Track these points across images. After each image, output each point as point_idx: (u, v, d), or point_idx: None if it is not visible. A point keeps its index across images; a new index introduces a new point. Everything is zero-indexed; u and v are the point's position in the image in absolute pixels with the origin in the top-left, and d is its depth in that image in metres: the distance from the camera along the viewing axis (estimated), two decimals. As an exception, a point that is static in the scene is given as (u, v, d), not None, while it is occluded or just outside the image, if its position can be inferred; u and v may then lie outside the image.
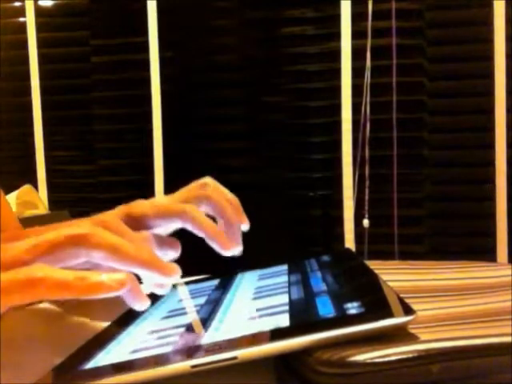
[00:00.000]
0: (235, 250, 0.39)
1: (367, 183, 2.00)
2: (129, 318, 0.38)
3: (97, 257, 0.33)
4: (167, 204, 0.40)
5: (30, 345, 0.38)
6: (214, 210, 0.42)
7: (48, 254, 0.32)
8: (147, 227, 0.39)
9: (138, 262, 0.33)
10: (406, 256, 1.96)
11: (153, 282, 0.35)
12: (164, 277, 0.34)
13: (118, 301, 0.44)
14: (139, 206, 0.40)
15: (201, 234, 0.39)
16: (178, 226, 0.39)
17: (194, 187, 0.43)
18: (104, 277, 0.30)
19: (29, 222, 0.59)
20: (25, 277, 0.29)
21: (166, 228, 0.40)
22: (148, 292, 0.37)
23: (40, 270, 0.30)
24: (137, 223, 0.39)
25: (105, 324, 0.37)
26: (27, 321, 0.41)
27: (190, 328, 0.33)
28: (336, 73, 2.03)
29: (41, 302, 0.43)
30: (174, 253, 0.41)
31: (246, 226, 0.44)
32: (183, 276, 0.42)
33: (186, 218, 0.38)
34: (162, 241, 0.40)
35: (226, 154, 2.14)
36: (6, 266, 0.31)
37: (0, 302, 0.29)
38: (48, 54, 2.23)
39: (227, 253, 0.38)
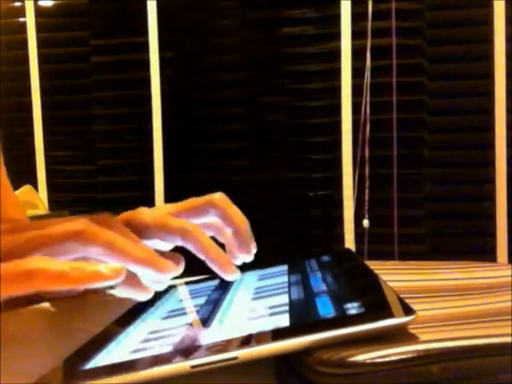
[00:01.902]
0: (235, 274, 0.37)
1: (367, 183, 2.00)
2: (129, 318, 0.38)
3: (93, 252, 0.33)
4: (168, 218, 0.39)
5: (30, 345, 0.38)
6: (222, 218, 0.41)
7: (45, 247, 0.33)
8: (147, 237, 0.39)
9: (132, 258, 0.34)
10: (406, 256, 1.96)
11: (149, 278, 0.35)
12: (159, 273, 0.34)
13: (118, 302, 0.44)
14: (140, 214, 0.39)
15: (201, 256, 0.37)
16: (178, 243, 0.38)
17: (202, 197, 0.42)
18: (100, 266, 0.31)
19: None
20: (23, 268, 0.30)
21: (167, 244, 0.39)
22: (143, 285, 0.36)
23: (38, 261, 0.31)
24: (137, 232, 0.38)
25: (105, 325, 0.37)
26: (27, 321, 0.41)
27: (190, 328, 0.33)
28: (336, 73, 2.03)
29: (41, 300, 0.43)
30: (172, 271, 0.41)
31: (253, 249, 0.42)
32: (183, 276, 0.42)
33: (187, 237, 0.37)
34: (162, 256, 0.40)
35: (225, 154, 2.14)
36: (1, 257, 0.32)
37: None
38: (48, 53, 2.23)
39: (228, 277, 0.37)
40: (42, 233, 0.33)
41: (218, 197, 0.41)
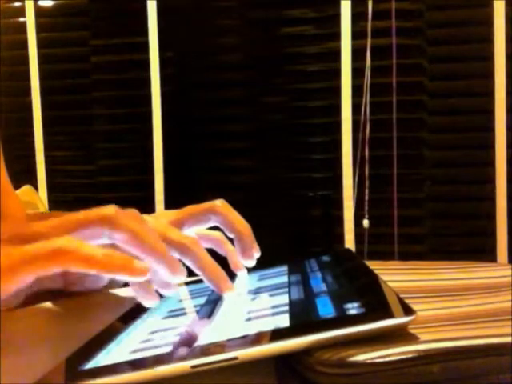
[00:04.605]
0: (231, 291, 0.38)
1: (367, 183, 2.00)
2: (129, 318, 0.38)
3: (119, 238, 0.34)
4: (169, 230, 0.39)
5: (30, 345, 0.38)
6: (223, 224, 0.41)
7: (73, 231, 0.33)
8: None
9: (153, 252, 0.34)
10: (406, 256, 1.96)
11: (160, 278, 0.35)
12: (172, 274, 0.35)
13: (119, 301, 0.44)
14: None
15: (198, 272, 0.38)
16: (177, 256, 0.38)
17: (203, 204, 0.42)
18: (131, 259, 0.32)
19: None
20: (55, 246, 0.31)
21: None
22: (154, 291, 0.37)
23: (69, 241, 0.31)
24: None
25: (105, 325, 0.37)
26: (27, 321, 0.41)
27: (190, 328, 0.33)
28: (336, 73, 2.03)
29: (44, 300, 0.43)
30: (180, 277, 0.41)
31: (256, 254, 0.43)
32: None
33: (185, 253, 0.38)
34: None
35: (226, 154, 2.14)
36: (30, 240, 0.32)
37: (27, 268, 0.30)
38: (48, 53, 2.23)
39: (224, 294, 0.38)
40: (70, 217, 0.34)
41: (219, 203, 0.42)
